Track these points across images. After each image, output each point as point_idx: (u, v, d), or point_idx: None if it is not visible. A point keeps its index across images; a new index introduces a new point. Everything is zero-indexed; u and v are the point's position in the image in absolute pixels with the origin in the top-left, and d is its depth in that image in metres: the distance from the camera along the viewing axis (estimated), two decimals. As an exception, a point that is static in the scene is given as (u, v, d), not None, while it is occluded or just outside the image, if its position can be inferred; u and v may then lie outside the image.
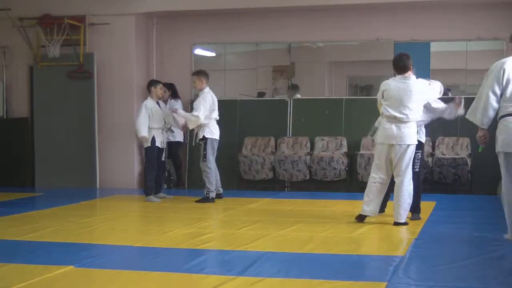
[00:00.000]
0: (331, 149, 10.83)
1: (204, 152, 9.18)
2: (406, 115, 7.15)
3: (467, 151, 10.27)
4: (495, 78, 6.04)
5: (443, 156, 10.23)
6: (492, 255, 5.72)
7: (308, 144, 10.99)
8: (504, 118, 6.07)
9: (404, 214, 7.23)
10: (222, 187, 9.55)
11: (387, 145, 7.23)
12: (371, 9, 10.87)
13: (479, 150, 6.41)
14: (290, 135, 11.18)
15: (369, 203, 7.36)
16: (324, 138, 10.96)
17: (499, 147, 6.11)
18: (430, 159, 10.18)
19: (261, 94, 11.75)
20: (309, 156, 10.70)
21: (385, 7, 10.82)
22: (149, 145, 9.47)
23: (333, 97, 11.32)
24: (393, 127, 7.18)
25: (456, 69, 11.05)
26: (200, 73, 9.42)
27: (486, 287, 4.68)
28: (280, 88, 11.74)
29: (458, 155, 10.20)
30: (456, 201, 9.22)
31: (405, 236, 6.62)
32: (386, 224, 7.29)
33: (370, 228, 7.15)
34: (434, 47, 10.85)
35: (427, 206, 8.52)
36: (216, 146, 9.27)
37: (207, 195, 9.21)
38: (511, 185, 6.11)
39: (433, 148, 10.49)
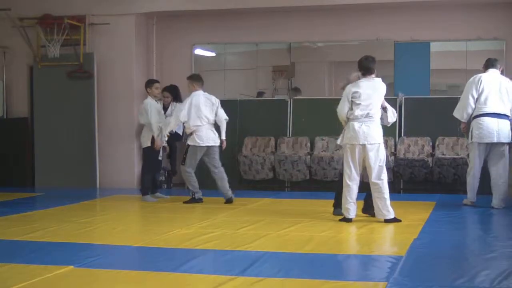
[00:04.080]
0: (331, 149, 10.83)
1: (184, 156, 9.22)
2: (374, 114, 7.39)
3: (467, 151, 10.25)
4: (473, 86, 8.41)
5: (443, 156, 10.23)
6: (491, 255, 5.73)
7: (308, 144, 10.99)
8: (478, 117, 8.36)
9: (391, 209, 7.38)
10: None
11: (358, 146, 7.36)
12: (371, 9, 10.87)
13: (466, 138, 8.75)
14: (290, 135, 11.17)
15: (352, 206, 7.47)
16: (324, 138, 10.96)
17: (474, 139, 8.38)
18: (430, 159, 10.18)
19: (260, 94, 11.74)
20: (309, 156, 10.70)
21: (385, 7, 10.82)
22: (149, 145, 9.48)
23: (333, 97, 11.29)
24: (364, 127, 7.35)
25: (456, 69, 11.04)
26: (189, 78, 9.46)
27: (486, 287, 4.69)
28: (280, 88, 11.73)
29: (458, 155, 10.20)
30: (456, 201, 9.21)
31: (405, 236, 6.62)
32: (386, 224, 7.30)
33: (370, 228, 7.16)
34: (434, 47, 10.85)
35: (427, 206, 8.53)
36: (204, 153, 9.18)
37: (193, 196, 9.22)
38: (477, 170, 8.42)
39: (433, 148, 10.49)
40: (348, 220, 7.48)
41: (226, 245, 6.14)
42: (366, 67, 7.54)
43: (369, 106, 7.39)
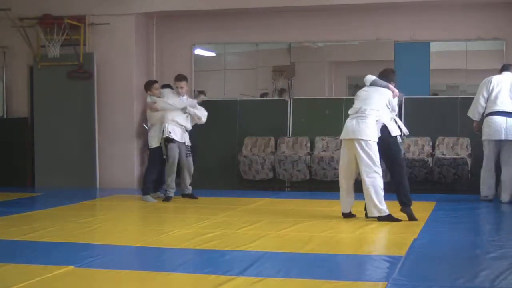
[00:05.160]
0: (331, 149, 10.83)
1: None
2: (366, 111, 7.53)
3: (467, 151, 10.27)
4: (484, 87, 9.02)
5: (443, 156, 10.23)
6: (491, 255, 5.72)
7: (308, 144, 10.98)
8: (489, 116, 8.94)
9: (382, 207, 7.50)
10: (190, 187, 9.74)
11: (347, 141, 7.56)
12: (371, 9, 10.86)
13: (480, 135, 9.18)
14: (290, 135, 11.17)
15: (342, 201, 7.75)
16: (324, 138, 10.95)
17: (485, 136, 8.98)
18: (430, 159, 10.18)
19: (264, 94, 11.72)
20: (309, 156, 10.69)
21: (385, 7, 10.81)
22: (157, 145, 9.53)
23: (333, 97, 11.32)
24: (353, 122, 7.50)
25: (456, 69, 11.04)
26: (185, 79, 9.73)
27: (486, 287, 4.69)
28: (279, 88, 11.72)
29: (458, 155, 10.20)
30: (456, 201, 9.23)
31: (405, 236, 6.62)
32: (386, 224, 7.30)
33: (370, 228, 7.16)
34: (434, 47, 10.84)
35: (427, 206, 8.53)
36: None
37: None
38: (488, 165, 8.97)
39: (433, 148, 10.49)
40: (346, 215, 7.66)
41: (226, 245, 6.14)
42: (383, 75, 7.79)
43: (363, 103, 7.50)
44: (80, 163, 11.26)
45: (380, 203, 7.37)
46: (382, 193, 7.39)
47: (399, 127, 7.68)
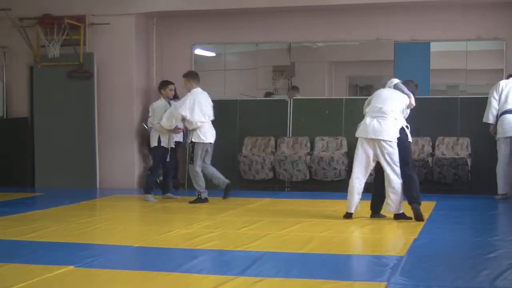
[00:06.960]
0: (331, 149, 10.83)
1: (191, 155, 9.31)
2: (387, 111, 7.49)
3: (467, 151, 10.27)
4: (494, 90, 9.42)
5: (443, 156, 10.23)
6: (491, 255, 5.73)
7: (308, 144, 10.98)
8: (501, 116, 9.36)
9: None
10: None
11: (367, 140, 7.49)
12: (371, 9, 10.87)
13: (495, 139, 9.49)
14: (290, 135, 11.17)
15: (352, 201, 7.70)
16: (324, 138, 10.95)
17: (499, 135, 9.39)
18: (430, 159, 10.18)
19: (268, 94, 11.71)
20: (309, 156, 10.69)
21: (385, 7, 10.81)
22: (156, 144, 9.52)
23: (333, 97, 11.32)
24: (375, 121, 7.44)
25: (456, 69, 11.04)
26: (186, 75, 9.50)
27: (485, 287, 4.69)
28: (280, 88, 11.73)
29: (458, 155, 10.20)
30: (456, 201, 9.23)
31: (405, 236, 6.62)
32: (386, 224, 7.30)
33: (370, 228, 7.16)
34: (434, 47, 10.84)
35: (427, 206, 8.52)
36: (205, 149, 9.31)
37: (199, 196, 9.29)
38: (503, 161, 9.31)
39: (433, 148, 10.49)
40: (348, 216, 7.58)
41: (226, 245, 6.15)
42: (405, 84, 7.77)
43: (383, 103, 7.48)
44: (80, 163, 11.26)
45: (401, 202, 7.44)
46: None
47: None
